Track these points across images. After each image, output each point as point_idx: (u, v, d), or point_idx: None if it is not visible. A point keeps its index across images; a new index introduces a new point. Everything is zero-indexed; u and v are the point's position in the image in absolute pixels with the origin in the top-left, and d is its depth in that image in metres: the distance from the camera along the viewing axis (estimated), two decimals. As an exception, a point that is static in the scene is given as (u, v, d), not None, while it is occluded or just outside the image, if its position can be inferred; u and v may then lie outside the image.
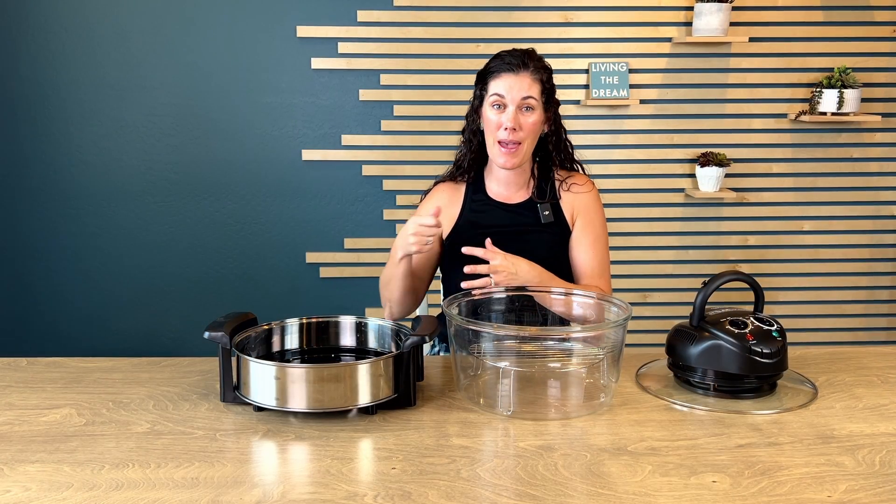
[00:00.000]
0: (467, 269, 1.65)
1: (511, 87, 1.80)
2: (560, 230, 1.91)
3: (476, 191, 1.94)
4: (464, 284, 1.64)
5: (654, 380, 1.57)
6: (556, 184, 1.93)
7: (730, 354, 1.45)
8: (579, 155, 2.00)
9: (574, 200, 1.92)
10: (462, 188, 1.96)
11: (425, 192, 2.03)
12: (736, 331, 1.46)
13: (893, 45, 3.37)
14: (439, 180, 2.01)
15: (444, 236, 1.93)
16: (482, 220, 1.91)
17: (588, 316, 1.65)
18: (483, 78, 1.87)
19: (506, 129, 1.79)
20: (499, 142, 1.82)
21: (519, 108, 1.80)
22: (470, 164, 1.95)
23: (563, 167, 1.96)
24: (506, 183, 1.92)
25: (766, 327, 1.48)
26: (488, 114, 1.83)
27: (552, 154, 1.93)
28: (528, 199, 1.92)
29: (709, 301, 1.52)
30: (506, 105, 1.80)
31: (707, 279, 1.53)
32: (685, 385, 1.53)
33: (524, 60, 1.82)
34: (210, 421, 1.39)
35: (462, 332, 1.46)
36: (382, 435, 1.33)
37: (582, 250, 1.91)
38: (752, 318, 1.50)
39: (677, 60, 3.36)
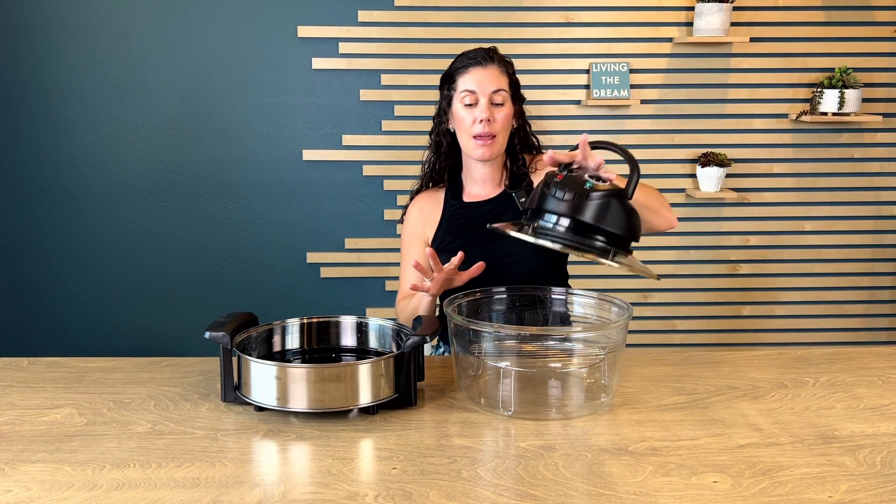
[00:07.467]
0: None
1: (481, 81, 1.81)
2: None
3: (454, 196, 1.95)
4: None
5: (655, 380, 1.57)
6: (528, 169, 1.93)
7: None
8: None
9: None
10: (441, 193, 1.97)
11: (406, 206, 2.02)
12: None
13: (894, 45, 3.37)
14: (417, 192, 2.01)
15: (430, 242, 1.94)
16: (462, 225, 1.91)
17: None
18: (450, 77, 1.87)
19: (480, 121, 1.79)
20: (474, 136, 1.82)
21: (490, 102, 1.80)
22: (443, 166, 1.95)
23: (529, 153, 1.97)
24: (482, 181, 1.92)
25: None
26: (460, 111, 1.83)
27: (517, 148, 1.94)
28: (503, 192, 1.92)
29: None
30: (477, 99, 1.81)
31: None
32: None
33: (489, 54, 1.84)
34: (211, 421, 1.39)
35: (462, 331, 1.46)
36: (383, 435, 1.33)
37: None
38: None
39: (678, 60, 3.36)
